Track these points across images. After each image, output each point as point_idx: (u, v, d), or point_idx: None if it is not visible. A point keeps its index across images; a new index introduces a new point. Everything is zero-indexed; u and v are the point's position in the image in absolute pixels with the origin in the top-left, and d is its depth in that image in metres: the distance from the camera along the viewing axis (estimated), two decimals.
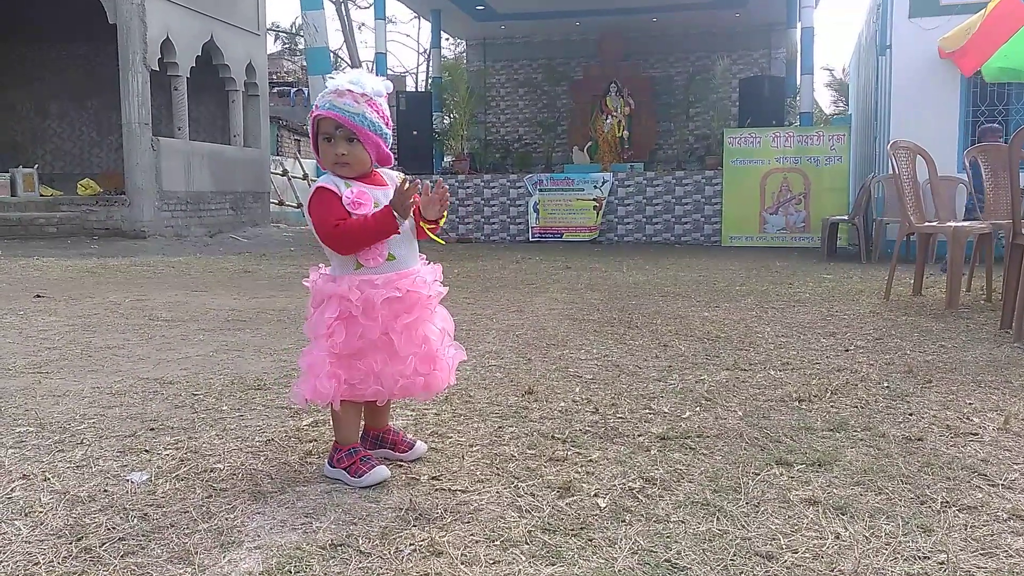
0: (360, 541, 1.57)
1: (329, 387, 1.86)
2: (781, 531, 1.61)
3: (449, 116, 13.07)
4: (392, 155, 1.95)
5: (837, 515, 1.68)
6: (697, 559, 1.49)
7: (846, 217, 8.76)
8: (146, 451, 2.11)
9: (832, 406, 2.52)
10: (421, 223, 1.92)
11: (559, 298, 5.19)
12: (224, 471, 1.96)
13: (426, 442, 2.13)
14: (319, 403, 1.92)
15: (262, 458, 2.06)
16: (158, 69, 11.17)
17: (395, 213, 1.81)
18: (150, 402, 2.61)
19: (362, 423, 2.05)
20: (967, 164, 5.59)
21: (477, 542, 1.56)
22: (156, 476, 1.93)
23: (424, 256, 2.00)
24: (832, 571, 1.44)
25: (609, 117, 12.54)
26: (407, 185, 1.82)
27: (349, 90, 1.84)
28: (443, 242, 2.02)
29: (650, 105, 13.49)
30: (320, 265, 1.96)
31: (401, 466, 1.99)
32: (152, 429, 2.30)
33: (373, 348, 1.85)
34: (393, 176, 1.96)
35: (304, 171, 18.62)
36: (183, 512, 1.71)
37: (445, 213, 1.94)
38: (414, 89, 24.93)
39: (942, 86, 8.17)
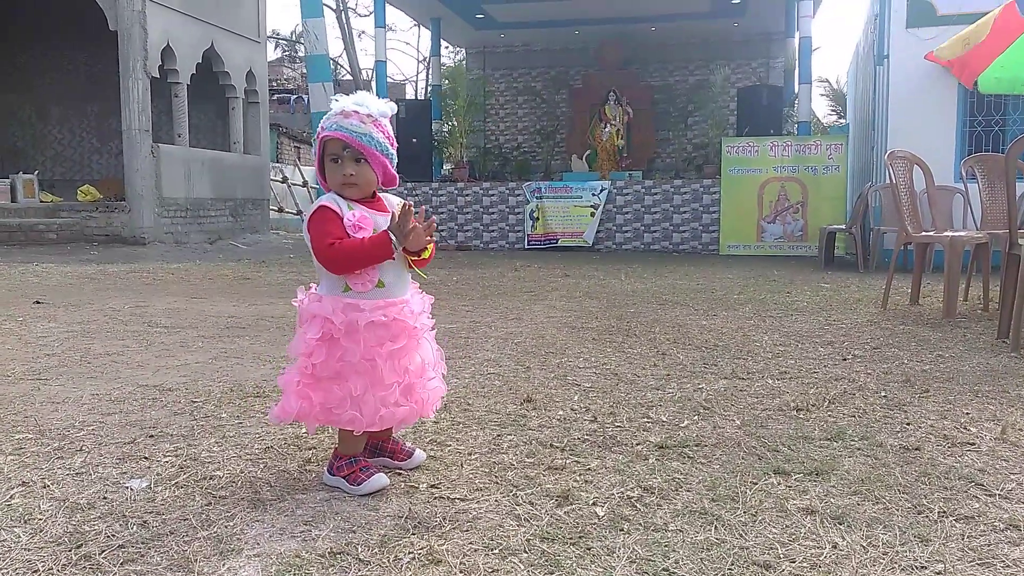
0: (359, 549, 1.57)
1: (295, 406, 1.85)
2: (779, 540, 1.61)
3: (448, 124, 13.11)
4: (398, 176, 1.95)
5: (835, 524, 1.69)
6: (695, 568, 1.49)
7: (844, 226, 8.79)
8: (145, 458, 2.12)
9: (830, 415, 2.53)
10: (406, 255, 1.90)
11: (558, 306, 5.20)
12: (223, 478, 1.97)
13: (425, 450, 2.13)
14: (285, 422, 1.92)
15: (261, 466, 2.06)
16: (158, 76, 11.20)
17: (392, 238, 1.82)
18: (149, 409, 2.61)
19: None
20: None
21: (476, 550, 1.57)
22: (155, 483, 1.93)
23: (418, 285, 2.00)
24: None
25: (608, 125, 12.59)
26: (405, 211, 1.82)
27: (355, 111, 1.85)
28: (425, 276, 1.99)
29: (648, 114, 13.53)
30: (312, 285, 1.95)
31: (400, 474, 1.99)
32: (151, 436, 2.31)
33: (354, 372, 1.84)
34: (394, 202, 1.96)
35: (304, 178, 18.66)
36: (182, 519, 1.71)
37: (431, 247, 1.91)
38: (414, 97, 25.00)
39: (939, 96, 8.20)
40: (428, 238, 1.87)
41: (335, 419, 1.87)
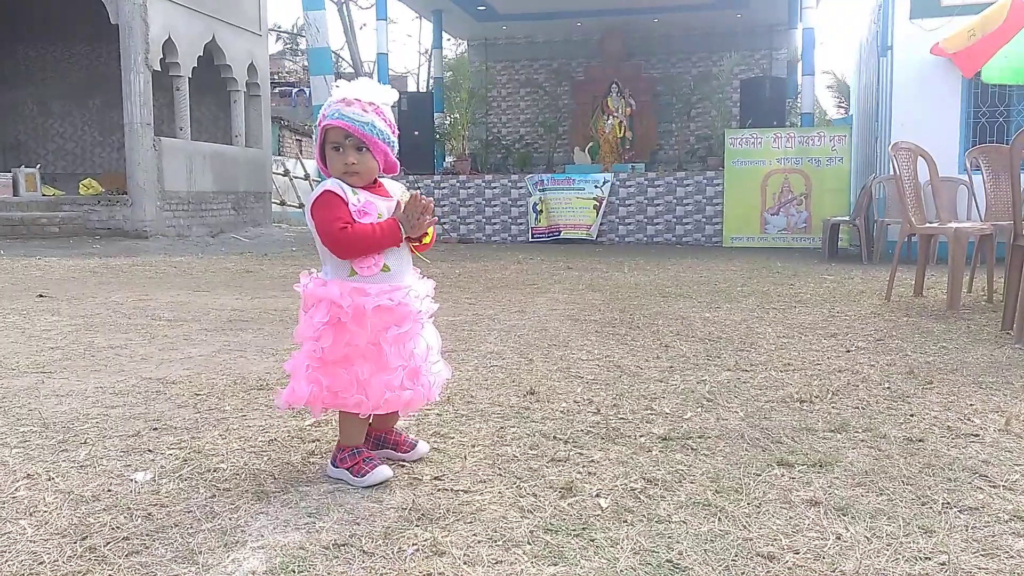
0: (363, 541, 1.57)
1: (305, 391, 1.85)
2: (782, 532, 1.61)
3: (450, 116, 13.08)
4: (398, 163, 1.95)
5: (838, 516, 1.69)
6: (699, 559, 1.49)
7: (847, 218, 8.77)
8: (149, 451, 2.12)
9: (833, 407, 2.53)
10: (407, 241, 1.92)
11: (560, 298, 5.19)
12: (227, 471, 1.97)
13: (428, 442, 2.13)
14: (295, 407, 1.91)
15: (265, 458, 2.07)
16: (160, 69, 11.19)
17: (401, 226, 1.84)
18: (153, 402, 2.62)
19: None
20: None
21: (479, 542, 1.57)
22: (160, 476, 1.94)
23: (419, 270, 2.01)
24: (833, 572, 1.45)
25: (610, 117, 12.54)
26: (415, 201, 1.84)
27: (357, 99, 1.84)
28: (428, 261, 2.01)
29: (651, 105, 13.48)
30: (312, 270, 1.95)
31: (403, 466, 2.00)
32: (155, 429, 2.31)
33: (360, 356, 1.84)
34: (396, 188, 1.97)
35: (306, 171, 18.66)
36: (187, 512, 1.72)
37: (430, 231, 1.94)
38: (415, 90, 24.94)
39: (943, 87, 8.16)
40: (428, 219, 1.89)
41: (341, 403, 1.87)
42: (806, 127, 10.30)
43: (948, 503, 1.75)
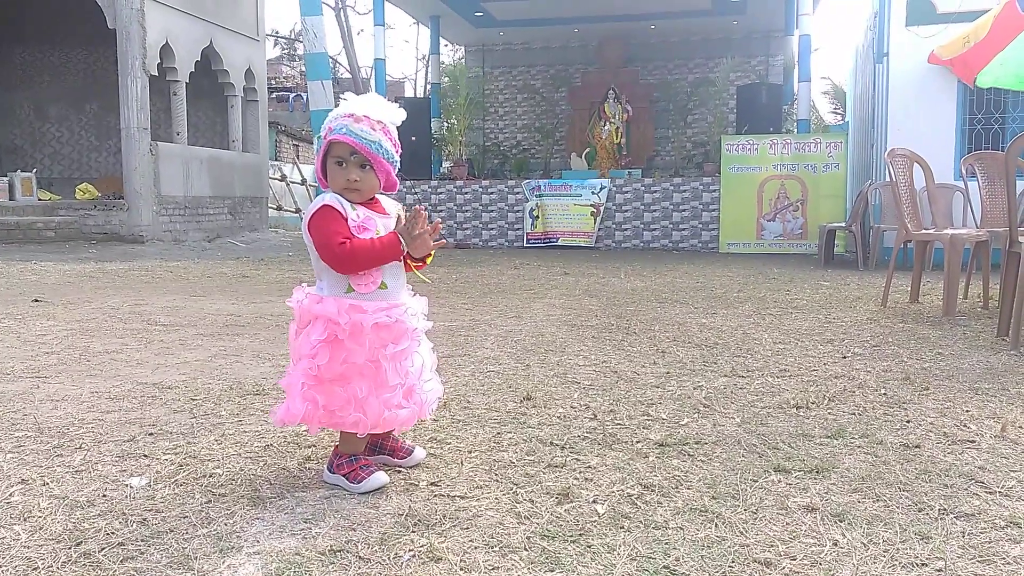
0: (359, 547, 1.57)
1: (300, 409, 1.84)
2: (779, 538, 1.61)
3: (448, 122, 13.10)
4: (398, 182, 1.95)
5: (835, 522, 1.69)
6: (696, 565, 1.49)
7: (843, 224, 8.79)
8: (145, 456, 2.11)
9: (830, 413, 2.53)
10: (408, 259, 1.92)
11: (557, 304, 5.19)
12: (223, 476, 1.96)
13: (425, 448, 2.13)
14: (290, 425, 1.90)
15: (261, 463, 2.06)
16: (157, 74, 11.19)
17: (401, 241, 1.83)
18: (149, 407, 2.61)
19: None
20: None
21: (476, 548, 1.57)
22: (155, 481, 1.93)
23: (411, 288, 2.01)
24: None
25: (607, 123, 12.56)
26: (416, 216, 1.83)
27: (366, 116, 1.83)
28: (428, 281, 2.00)
29: (648, 112, 13.52)
30: (305, 284, 1.94)
31: (400, 472, 1.99)
32: (151, 434, 2.31)
33: (357, 374, 1.83)
34: (392, 206, 1.96)
35: (302, 176, 18.65)
36: (182, 517, 1.71)
37: (432, 252, 1.94)
38: (413, 95, 24.98)
39: (939, 93, 8.20)
40: (433, 243, 1.89)
41: (339, 421, 1.85)
42: (802, 133, 10.33)
43: (945, 509, 1.75)
